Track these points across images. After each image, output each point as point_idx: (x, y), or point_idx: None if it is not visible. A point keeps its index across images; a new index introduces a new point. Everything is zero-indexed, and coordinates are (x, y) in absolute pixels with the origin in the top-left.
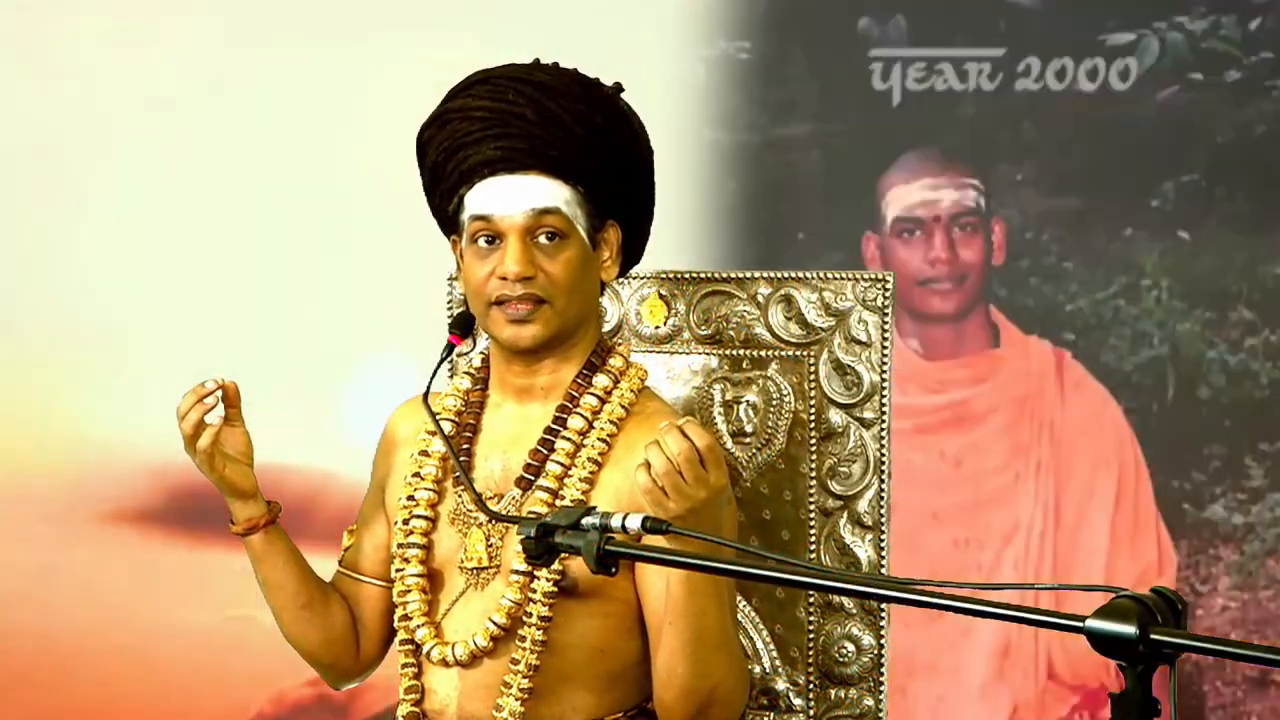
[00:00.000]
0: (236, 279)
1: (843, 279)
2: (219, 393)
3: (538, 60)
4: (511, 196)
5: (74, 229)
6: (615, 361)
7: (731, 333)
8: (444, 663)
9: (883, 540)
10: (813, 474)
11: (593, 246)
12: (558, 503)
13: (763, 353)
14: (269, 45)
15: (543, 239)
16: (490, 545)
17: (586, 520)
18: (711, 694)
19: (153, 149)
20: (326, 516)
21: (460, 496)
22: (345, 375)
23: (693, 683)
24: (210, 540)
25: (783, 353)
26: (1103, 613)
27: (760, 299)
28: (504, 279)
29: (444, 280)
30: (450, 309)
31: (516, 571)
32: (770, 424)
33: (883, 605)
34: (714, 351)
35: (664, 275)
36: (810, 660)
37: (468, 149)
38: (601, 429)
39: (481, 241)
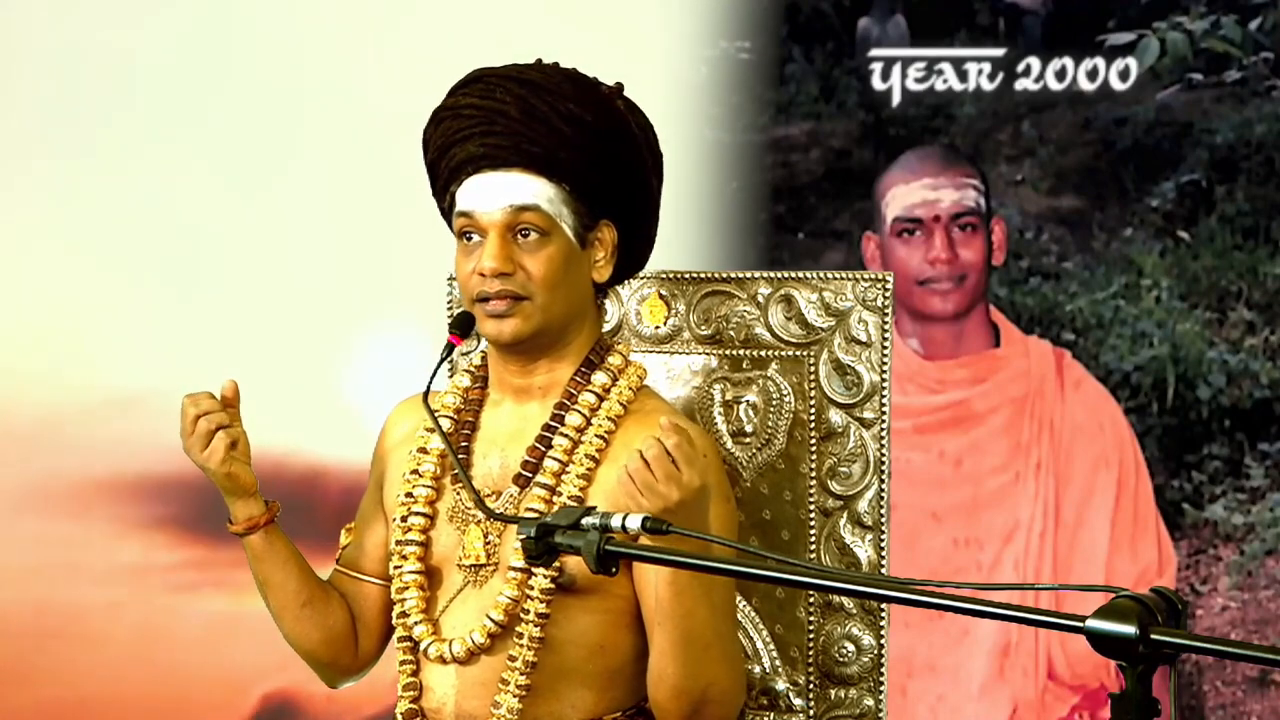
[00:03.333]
0: (241, 262)
1: (843, 279)
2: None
3: (539, 60)
4: (492, 193)
5: (80, 216)
6: (614, 360)
7: (731, 333)
8: (442, 660)
9: (883, 540)
10: (813, 474)
11: (582, 245)
12: (555, 500)
13: (763, 353)
14: (273, 32)
15: (523, 236)
16: (488, 542)
17: (586, 520)
18: (704, 694)
19: (157, 141)
20: (329, 495)
21: (459, 494)
22: (345, 357)
23: (683, 683)
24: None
25: (783, 353)
26: (1103, 613)
27: (760, 299)
28: (483, 275)
29: (443, 261)
30: (450, 309)
31: (514, 568)
32: (770, 424)
33: (883, 605)
34: (714, 351)
35: (664, 275)
36: (810, 660)
37: (455, 147)
38: (599, 426)
39: (466, 238)
